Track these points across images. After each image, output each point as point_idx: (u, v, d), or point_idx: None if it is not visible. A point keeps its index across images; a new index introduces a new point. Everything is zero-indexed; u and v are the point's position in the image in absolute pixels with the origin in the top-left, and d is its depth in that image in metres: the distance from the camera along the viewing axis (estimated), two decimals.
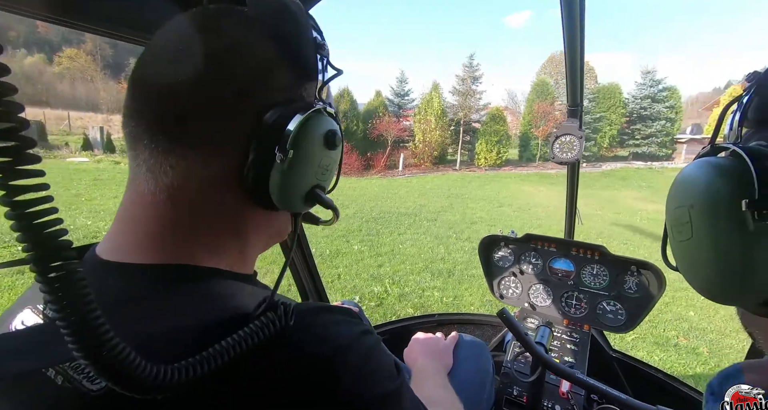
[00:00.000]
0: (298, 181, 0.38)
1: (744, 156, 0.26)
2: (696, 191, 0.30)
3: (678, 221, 0.32)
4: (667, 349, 3.06)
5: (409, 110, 20.39)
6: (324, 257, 4.96)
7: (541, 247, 1.32)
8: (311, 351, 0.35)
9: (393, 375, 0.40)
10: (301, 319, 0.36)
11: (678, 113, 17.66)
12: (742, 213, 0.25)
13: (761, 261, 0.25)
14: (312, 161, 0.39)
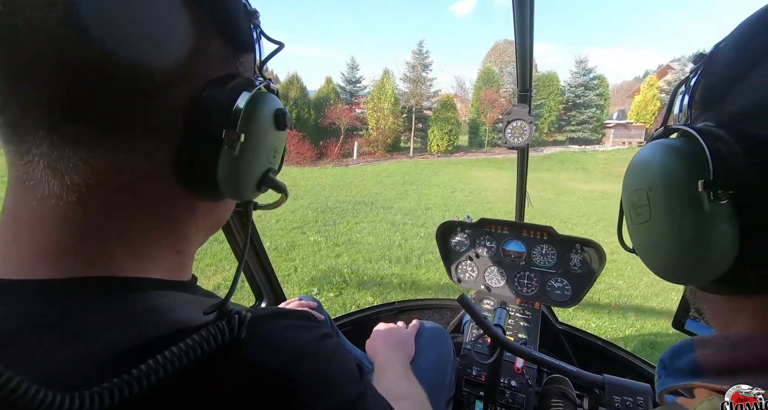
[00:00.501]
0: (252, 166, 0.35)
1: (697, 137, 0.26)
2: (653, 173, 0.30)
3: (636, 203, 0.32)
4: (601, 316, 3.40)
5: (362, 97, 20.14)
6: (279, 251, 4.80)
7: (495, 230, 1.36)
8: (261, 362, 0.31)
9: (355, 379, 0.37)
10: (252, 327, 0.32)
11: (606, 100, 19.31)
12: (698, 194, 0.25)
13: (716, 241, 0.25)
14: (264, 144, 0.35)
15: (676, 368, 0.31)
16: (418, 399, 0.63)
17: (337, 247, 5.07)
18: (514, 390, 1.10)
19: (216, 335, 0.28)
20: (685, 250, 0.27)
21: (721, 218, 0.25)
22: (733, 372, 0.25)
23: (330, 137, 17.10)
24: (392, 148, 18.11)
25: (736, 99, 0.26)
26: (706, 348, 0.28)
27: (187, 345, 0.26)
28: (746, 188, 0.24)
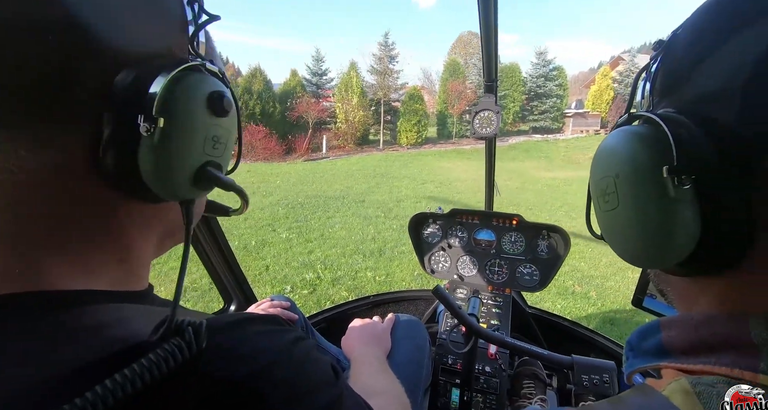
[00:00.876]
0: (179, 157, 0.30)
1: (660, 123, 0.26)
2: (619, 160, 0.30)
3: (604, 190, 0.32)
4: (566, 297, 3.58)
5: (329, 90, 19.77)
6: (249, 250, 4.66)
7: (466, 220, 1.38)
8: (227, 375, 0.28)
9: (330, 381, 0.36)
10: (214, 338, 0.30)
11: (565, 91, 20.15)
12: (663, 180, 0.25)
13: (680, 225, 0.26)
14: (195, 132, 0.31)
15: (643, 349, 0.31)
16: (395, 393, 0.63)
17: (309, 243, 4.99)
18: (488, 375, 1.13)
19: (167, 357, 0.25)
20: (651, 235, 0.28)
21: (684, 203, 0.25)
22: (696, 352, 0.26)
23: (298, 131, 16.68)
24: (362, 141, 17.98)
25: (696, 84, 0.26)
26: (671, 329, 0.29)
27: (133, 372, 0.23)
28: (708, 173, 0.24)
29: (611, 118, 19.59)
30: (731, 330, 0.25)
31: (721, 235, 0.25)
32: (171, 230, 0.39)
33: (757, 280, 0.25)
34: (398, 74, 19.66)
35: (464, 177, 10.44)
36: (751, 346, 0.23)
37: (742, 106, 0.23)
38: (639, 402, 0.26)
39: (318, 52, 20.04)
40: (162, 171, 0.30)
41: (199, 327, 0.28)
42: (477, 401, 1.11)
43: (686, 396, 0.24)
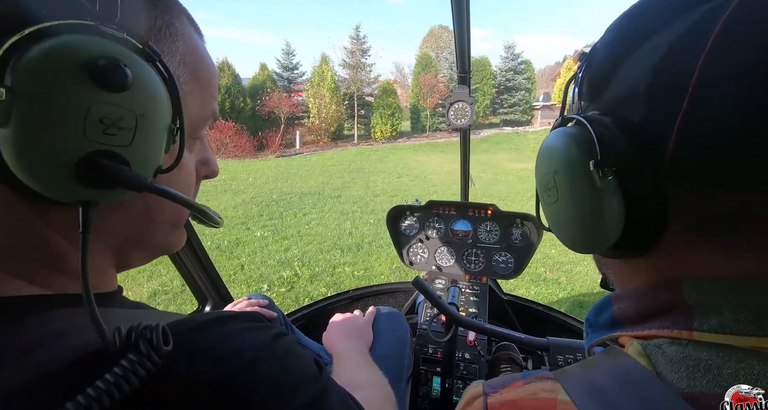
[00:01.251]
0: (40, 144, 0.24)
1: (586, 124, 0.30)
2: (556, 158, 0.33)
3: (546, 186, 0.35)
4: (539, 283, 3.72)
5: (300, 84, 19.33)
6: (222, 249, 4.52)
7: (443, 212, 1.40)
8: (206, 378, 0.27)
9: (314, 376, 0.35)
10: (184, 341, 0.28)
11: (533, 84, 20.74)
12: (591, 173, 0.28)
13: (607, 213, 0.29)
14: (63, 110, 0.24)
15: (599, 323, 0.34)
16: (379, 386, 0.63)
17: (285, 240, 4.91)
18: (468, 361, 1.16)
19: (128, 376, 0.23)
20: (585, 223, 0.31)
21: (609, 193, 0.28)
22: (644, 319, 0.29)
23: (270, 126, 16.24)
24: (336, 136, 17.77)
25: (613, 89, 0.30)
26: (621, 302, 0.32)
27: (89, 399, 0.22)
28: (625, 165, 0.28)
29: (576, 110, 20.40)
30: (669, 296, 0.28)
31: (641, 218, 0.28)
32: (127, 237, 0.35)
33: (677, 254, 0.28)
34: (371, 68, 19.53)
35: (439, 170, 10.57)
36: (687, 307, 0.26)
37: (647, 106, 0.27)
38: (608, 362, 0.28)
39: (288, 46, 19.53)
40: (25, 163, 0.24)
41: (157, 331, 0.26)
42: (458, 387, 1.14)
43: (640, 357, 0.26)
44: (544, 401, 0.27)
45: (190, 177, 0.39)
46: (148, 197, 0.33)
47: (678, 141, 0.25)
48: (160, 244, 0.39)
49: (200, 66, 0.37)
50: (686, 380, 0.23)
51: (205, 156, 0.42)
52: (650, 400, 0.24)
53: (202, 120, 0.38)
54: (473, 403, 0.31)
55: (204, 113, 0.38)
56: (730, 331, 0.24)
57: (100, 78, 0.25)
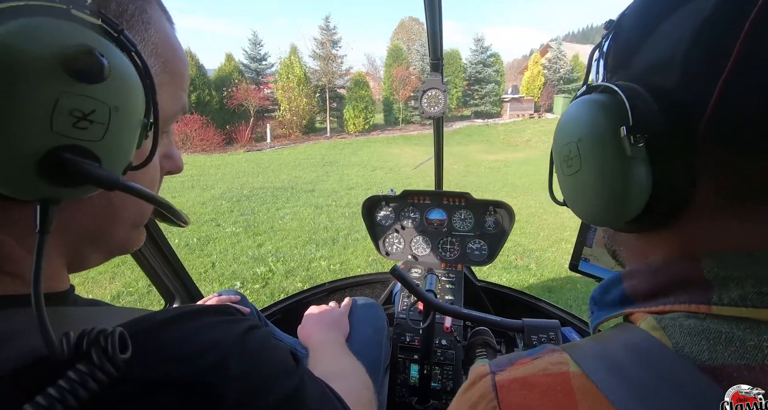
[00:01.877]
0: (2, 135, 0.22)
1: (617, 90, 0.28)
2: (581, 126, 0.31)
3: (567, 156, 0.33)
4: (510, 270, 3.85)
5: (269, 76, 18.69)
6: (192, 247, 4.35)
7: (418, 201, 1.40)
8: (172, 378, 0.25)
9: (291, 369, 0.34)
10: (144, 341, 0.26)
11: (502, 76, 21.12)
12: (621, 139, 0.27)
13: (635, 183, 0.28)
14: (29, 99, 0.22)
15: (607, 302, 0.34)
16: (357, 375, 0.63)
17: (258, 236, 4.78)
18: (445, 347, 1.18)
19: (75, 389, 0.21)
20: (609, 194, 0.30)
21: (639, 160, 0.27)
22: (657, 295, 0.29)
23: (239, 120, 15.64)
24: (308, 129, 17.39)
25: (644, 57, 0.29)
26: (633, 279, 0.31)
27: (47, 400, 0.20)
28: (657, 133, 0.27)
29: (543, 102, 21.02)
30: (686, 271, 0.27)
31: (668, 189, 0.27)
32: (84, 236, 0.32)
33: (700, 226, 0.28)
34: (342, 60, 19.19)
35: (413, 162, 10.62)
36: (705, 281, 0.25)
37: (683, 72, 0.26)
38: (622, 336, 0.28)
39: (255, 36, 18.77)
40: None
41: (112, 335, 0.23)
42: (435, 373, 1.16)
43: (654, 331, 0.26)
44: (556, 375, 0.26)
45: (155, 173, 0.37)
46: (112, 195, 0.31)
47: (716, 107, 0.24)
48: (118, 243, 0.36)
49: (172, 57, 0.35)
50: (707, 352, 0.23)
51: (170, 151, 0.40)
52: (667, 372, 0.23)
53: (173, 114, 0.36)
54: (479, 382, 0.29)
55: (174, 106, 0.36)
56: (752, 304, 0.23)
57: (74, 68, 0.23)
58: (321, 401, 0.37)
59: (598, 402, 0.24)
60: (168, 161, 0.40)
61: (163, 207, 0.32)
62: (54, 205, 0.25)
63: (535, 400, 0.25)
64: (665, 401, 0.22)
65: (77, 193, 0.26)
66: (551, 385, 0.26)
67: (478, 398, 0.28)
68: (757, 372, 0.21)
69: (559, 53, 22.36)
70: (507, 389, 0.27)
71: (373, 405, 0.57)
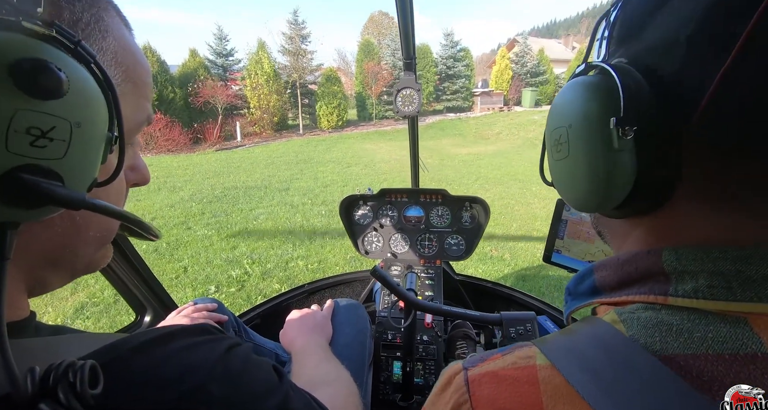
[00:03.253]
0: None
1: (612, 74, 0.27)
2: (572, 111, 0.31)
3: (557, 141, 0.33)
4: (485, 262, 3.95)
5: (237, 72, 18.05)
6: (161, 252, 4.17)
7: (395, 199, 1.41)
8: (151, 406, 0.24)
9: (274, 386, 0.33)
10: (117, 369, 0.25)
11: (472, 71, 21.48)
12: (610, 131, 0.27)
13: (620, 173, 0.28)
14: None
15: (579, 292, 0.35)
16: (342, 381, 0.62)
17: (232, 238, 4.65)
18: (426, 343, 1.19)
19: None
20: (595, 183, 0.30)
21: (625, 153, 0.27)
22: (622, 287, 0.30)
23: (206, 118, 15.05)
24: (280, 126, 16.99)
25: (649, 34, 0.27)
26: (602, 271, 0.33)
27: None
28: (648, 124, 0.26)
29: (512, 95, 21.56)
30: (648, 264, 0.28)
31: (651, 181, 0.28)
32: (45, 258, 0.30)
33: (672, 220, 0.29)
34: (312, 55, 18.82)
35: (388, 158, 10.64)
36: (663, 274, 0.27)
37: (685, 57, 0.25)
38: (588, 329, 0.29)
39: (220, 30, 18.05)
40: None
41: (80, 372, 0.22)
42: (418, 369, 1.18)
43: (616, 324, 0.27)
44: (524, 369, 0.27)
45: (120, 187, 0.35)
46: (75, 214, 0.30)
47: (712, 99, 0.23)
48: (83, 264, 0.34)
49: (133, 64, 0.33)
50: (659, 343, 0.24)
51: (135, 162, 0.38)
52: (624, 359, 0.25)
53: (137, 125, 0.34)
54: (454, 379, 0.30)
55: (139, 116, 0.34)
56: (703, 296, 0.24)
57: (28, 84, 0.21)
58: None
59: (562, 391, 0.25)
60: (134, 173, 0.38)
61: (134, 223, 0.30)
62: (12, 229, 0.23)
63: (503, 392, 0.27)
64: (623, 385, 0.24)
65: (38, 214, 0.25)
66: (518, 377, 0.27)
67: (452, 393, 0.29)
68: (700, 361, 0.23)
69: (526, 47, 22.98)
70: (478, 383, 0.28)
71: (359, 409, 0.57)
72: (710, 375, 0.22)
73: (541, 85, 21.93)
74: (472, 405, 0.27)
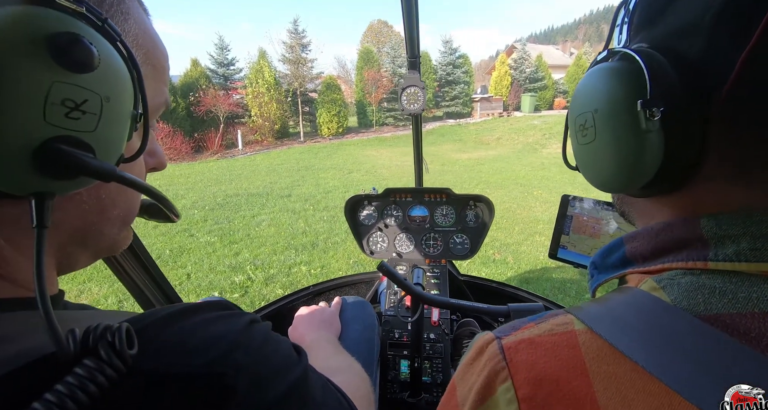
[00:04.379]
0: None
1: (637, 58, 0.28)
2: (598, 96, 0.31)
3: (583, 125, 0.34)
4: (488, 265, 3.94)
5: (238, 81, 18.24)
6: (164, 259, 4.18)
7: (400, 199, 1.42)
8: (182, 370, 0.25)
9: (294, 361, 0.34)
10: (151, 337, 0.26)
11: (471, 77, 21.65)
12: (637, 113, 0.27)
13: (648, 154, 0.28)
14: (20, 87, 0.21)
15: (607, 265, 0.35)
16: (354, 370, 0.63)
17: (234, 244, 4.66)
18: (433, 341, 1.19)
19: (84, 384, 0.21)
20: (622, 165, 0.30)
21: (653, 133, 0.28)
22: (656, 255, 0.30)
23: (208, 127, 15.16)
24: (281, 134, 17.10)
25: (669, 18, 0.28)
26: (634, 241, 0.32)
27: (48, 404, 0.19)
28: (674, 104, 0.27)
29: (511, 101, 21.69)
30: (685, 231, 0.28)
31: (678, 159, 0.28)
32: (73, 235, 0.31)
33: (705, 191, 0.29)
34: (312, 63, 19.02)
35: (389, 164, 10.68)
36: (703, 240, 0.27)
37: (708, 39, 0.25)
38: (624, 297, 0.29)
39: (221, 40, 18.28)
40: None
41: (119, 331, 0.23)
42: (425, 367, 1.17)
43: (654, 291, 0.27)
44: (562, 334, 0.27)
45: (141, 170, 0.37)
46: (101, 191, 0.31)
47: (738, 78, 0.23)
48: (107, 243, 0.35)
49: (153, 48, 0.34)
50: (703, 304, 0.24)
51: (153, 147, 0.39)
52: (667, 321, 0.24)
53: (156, 108, 0.36)
54: (487, 348, 0.30)
55: (158, 99, 0.35)
56: (746, 259, 0.24)
57: (63, 56, 0.22)
58: (324, 391, 0.38)
59: (604, 352, 0.25)
60: (152, 158, 0.39)
61: (159, 199, 0.31)
62: (49, 199, 0.24)
63: (542, 357, 0.26)
64: (670, 343, 0.24)
65: (72, 186, 0.26)
66: (557, 343, 0.27)
67: (486, 361, 0.29)
68: (747, 319, 0.23)
69: (524, 54, 23.18)
70: (515, 349, 0.28)
71: (371, 398, 0.57)
72: (758, 332, 0.22)
73: (540, 91, 22.07)
74: (510, 372, 0.27)
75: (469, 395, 0.28)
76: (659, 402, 0.22)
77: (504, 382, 0.26)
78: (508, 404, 0.25)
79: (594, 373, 0.24)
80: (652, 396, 0.22)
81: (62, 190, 0.25)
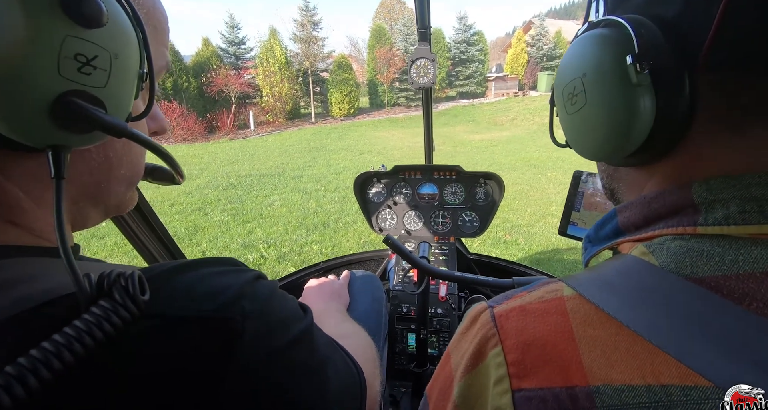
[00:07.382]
0: (12, 79, 0.22)
1: (622, 21, 0.29)
2: (586, 60, 0.32)
3: (571, 94, 0.34)
4: (499, 246, 3.94)
5: (249, 61, 18.06)
6: (180, 237, 4.31)
7: (409, 176, 1.41)
8: (189, 314, 0.27)
9: (300, 315, 0.35)
10: (162, 284, 0.27)
11: (486, 55, 20.91)
12: (627, 68, 0.28)
13: (641, 111, 0.28)
14: (35, 42, 0.22)
15: (600, 236, 0.35)
16: (361, 336, 0.65)
17: (247, 223, 4.76)
18: (441, 316, 1.22)
19: (101, 323, 0.22)
20: (616, 125, 0.30)
21: (643, 90, 0.28)
22: (649, 222, 0.30)
23: (220, 107, 15.19)
24: (293, 114, 17.02)
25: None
26: (626, 211, 0.33)
27: (68, 337, 0.21)
28: (661, 60, 0.27)
29: (527, 80, 20.96)
30: (677, 198, 0.28)
31: (670, 118, 0.28)
32: (84, 191, 0.32)
33: (696, 155, 0.29)
34: (324, 42, 18.63)
35: (400, 145, 10.59)
36: (692, 206, 0.27)
37: (683, 4, 0.27)
38: (615, 263, 0.30)
39: (232, 18, 18.00)
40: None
41: (132, 276, 0.25)
42: (432, 341, 1.20)
43: (644, 256, 0.28)
44: (551, 301, 0.28)
45: (145, 131, 0.37)
46: (109, 149, 0.32)
47: (718, 29, 0.24)
48: (114, 202, 0.37)
49: (153, 9, 0.34)
50: (690, 267, 0.25)
51: (154, 111, 0.39)
52: (654, 283, 0.25)
53: (158, 70, 0.36)
54: (479, 316, 0.31)
55: (159, 62, 0.36)
56: (734, 222, 0.25)
57: (74, 11, 0.22)
58: (329, 347, 0.39)
59: (591, 316, 0.26)
60: (153, 121, 0.40)
61: (165, 157, 0.32)
62: (66, 152, 0.25)
63: (530, 322, 0.27)
64: (656, 302, 0.24)
65: (86, 140, 0.27)
66: (546, 309, 0.28)
67: (478, 329, 0.30)
68: (731, 280, 0.23)
69: (542, 30, 22.16)
70: (505, 317, 0.29)
71: (376, 361, 0.59)
72: (741, 292, 0.23)
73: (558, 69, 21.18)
74: (500, 338, 0.28)
75: (461, 361, 0.30)
76: (640, 362, 0.22)
77: (494, 347, 0.27)
78: (497, 367, 0.26)
79: (580, 337, 0.25)
80: (634, 356, 0.23)
81: (77, 143, 0.26)
